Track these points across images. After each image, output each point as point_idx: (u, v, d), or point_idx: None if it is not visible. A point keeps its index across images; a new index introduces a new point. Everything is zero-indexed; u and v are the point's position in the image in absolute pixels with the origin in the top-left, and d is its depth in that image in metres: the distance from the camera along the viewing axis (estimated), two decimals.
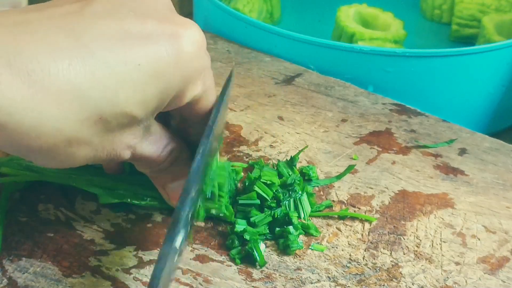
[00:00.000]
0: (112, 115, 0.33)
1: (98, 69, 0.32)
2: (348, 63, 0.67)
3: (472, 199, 0.49)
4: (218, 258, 0.42)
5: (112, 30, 0.33)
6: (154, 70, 0.34)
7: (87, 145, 0.34)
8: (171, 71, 0.35)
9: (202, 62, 0.37)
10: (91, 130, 0.33)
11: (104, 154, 0.35)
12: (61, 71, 0.31)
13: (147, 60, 0.34)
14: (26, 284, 0.39)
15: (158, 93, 0.35)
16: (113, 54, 0.33)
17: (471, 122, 0.69)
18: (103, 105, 0.32)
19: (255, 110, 0.59)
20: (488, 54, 0.68)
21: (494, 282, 0.41)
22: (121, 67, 0.33)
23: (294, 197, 0.46)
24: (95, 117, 0.33)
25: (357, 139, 0.55)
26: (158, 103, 0.35)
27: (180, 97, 0.37)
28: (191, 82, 0.36)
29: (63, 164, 0.34)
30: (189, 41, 0.35)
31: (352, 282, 0.41)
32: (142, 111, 0.35)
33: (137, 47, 0.33)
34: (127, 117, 0.34)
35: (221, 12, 0.75)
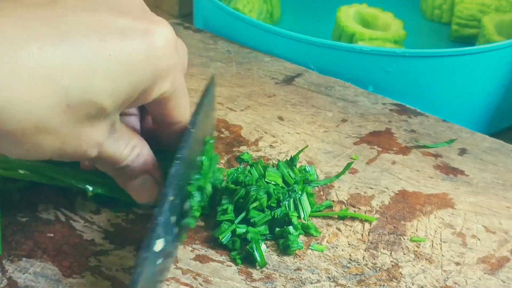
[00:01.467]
0: (81, 103, 0.33)
1: (70, 56, 0.32)
2: (348, 63, 0.67)
3: (472, 199, 0.49)
4: (218, 258, 0.42)
5: (86, 22, 0.34)
6: (125, 63, 0.35)
7: (54, 135, 0.34)
8: (142, 65, 0.35)
9: (172, 59, 0.37)
10: (60, 118, 0.33)
11: (71, 148, 0.35)
12: (32, 54, 0.31)
13: (119, 52, 0.34)
14: (26, 284, 0.39)
15: (128, 86, 0.35)
16: (86, 43, 0.33)
17: (471, 122, 0.69)
18: (73, 91, 0.33)
19: (255, 110, 0.59)
20: (488, 54, 0.68)
21: (494, 282, 0.41)
22: (93, 56, 0.33)
23: (294, 197, 0.45)
24: (64, 104, 0.33)
25: (357, 139, 0.55)
26: (126, 96, 0.36)
27: (147, 92, 0.37)
28: (160, 78, 0.37)
29: (29, 154, 0.34)
30: (161, 38, 0.36)
31: (352, 282, 0.41)
32: (111, 103, 0.35)
33: (110, 39, 0.34)
34: (95, 107, 0.34)
35: (221, 12, 0.75)
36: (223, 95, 0.61)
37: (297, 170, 0.49)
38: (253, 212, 0.44)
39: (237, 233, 0.43)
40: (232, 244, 0.43)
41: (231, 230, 0.43)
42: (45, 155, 0.35)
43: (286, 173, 0.48)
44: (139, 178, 0.42)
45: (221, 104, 0.60)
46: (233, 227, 0.43)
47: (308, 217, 0.46)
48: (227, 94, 0.61)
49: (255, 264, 0.42)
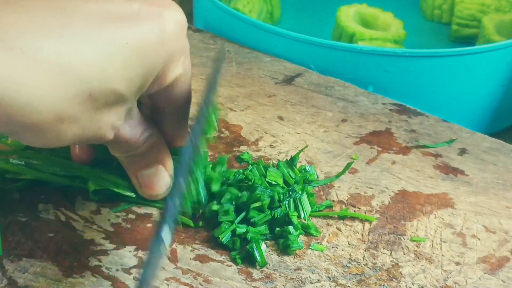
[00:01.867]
0: (100, 92, 0.34)
1: (87, 46, 0.33)
2: (348, 63, 0.67)
3: (472, 199, 0.49)
4: (218, 258, 0.42)
5: (99, 11, 0.34)
6: (140, 49, 0.35)
7: (75, 123, 0.34)
8: (156, 50, 0.36)
9: (184, 42, 0.38)
10: (81, 107, 0.34)
11: (90, 133, 0.36)
12: (51, 47, 0.31)
13: (134, 39, 0.35)
14: (26, 284, 0.39)
15: (144, 71, 0.36)
16: (101, 33, 0.34)
17: (471, 122, 0.69)
18: (92, 82, 0.33)
19: (255, 110, 0.59)
20: (488, 54, 0.68)
21: (494, 282, 0.41)
22: (109, 45, 0.34)
23: (294, 197, 0.45)
24: (85, 94, 0.33)
25: (357, 139, 0.55)
26: (142, 82, 0.36)
27: (162, 77, 0.38)
28: (173, 61, 0.38)
29: (52, 142, 0.35)
30: (173, 22, 0.37)
31: (352, 282, 0.41)
32: (128, 89, 0.35)
33: (123, 26, 0.34)
34: (114, 95, 0.35)
35: (221, 12, 0.75)
36: (223, 95, 0.61)
37: (297, 170, 0.49)
38: (253, 212, 0.44)
39: (237, 233, 0.43)
40: (232, 244, 0.43)
41: (231, 230, 0.43)
42: (68, 142, 0.35)
43: (286, 173, 0.48)
44: (152, 167, 0.42)
45: (221, 104, 0.60)
46: (233, 227, 0.43)
47: (308, 217, 0.46)
48: (227, 94, 0.61)
49: (255, 264, 0.42)
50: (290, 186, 0.47)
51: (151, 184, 0.43)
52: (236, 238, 0.43)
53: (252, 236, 0.43)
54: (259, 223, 0.44)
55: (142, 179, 0.43)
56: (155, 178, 0.43)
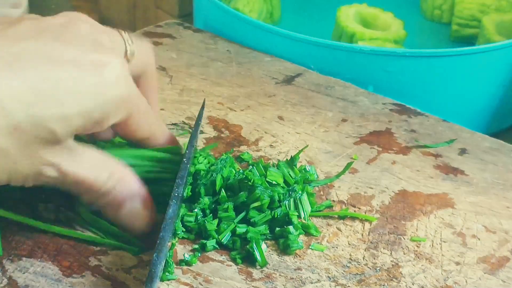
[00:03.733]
0: (28, 127, 0.34)
1: (16, 81, 0.33)
2: (348, 63, 0.67)
3: (472, 199, 0.49)
4: (218, 258, 0.42)
5: (34, 50, 0.35)
6: (74, 90, 0.35)
7: (5, 156, 0.34)
8: (92, 95, 0.36)
9: (124, 91, 0.38)
10: (7, 139, 0.34)
11: (25, 168, 0.36)
12: None
13: (68, 79, 0.35)
14: (26, 284, 0.39)
15: (79, 114, 0.36)
16: (34, 69, 0.34)
17: (471, 122, 0.69)
18: (18, 115, 0.33)
19: (255, 110, 0.59)
20: (488, 54, 0.68)
21: (494, 282, 0.41)
22: (41, 82, 0.34)
23: (294, 197, 0.45)
24: (10, 127, 0.34)
25: (357, 139, 0.55)
26: (79, 123, 0.36)
27: (101, 122, 0.38)
28: (113, 109, 0.37)
29: None
30: (111, 71, 0.37)
31: (352, 282, 0.41)
32: (61, 128, 0.35)
33: (58, 67, 0.35)
34: (45, 131, 0.35)
35: (221, 12, 0.75)
36: (223, 95, 0.61)
37: (297, 170, 0.49)
38: (252, 212, 0.44)
39: (237, 233, 0.43)
40: (232, 244, 0.43)
41: (230, 230, 0.43)
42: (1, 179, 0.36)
43: (287, 173, 0.48)
44: (126, 206, 0.41)
45: (221, 104, 0.60)
46: (233, 226, 0.43)
47: (309, 217, 0.45)
48: (227, 94, 0.61)
49: (255, 263, 0.42)
50: (290, 186, 0.47)
51: (130, 224, 0.42)
52: (236, 238, 0.43)
53: (252, 236, 0.43)
54: (259, 223, 0.44)
55: (122, 219, 0.42)
56: (132, 216, 0.41)
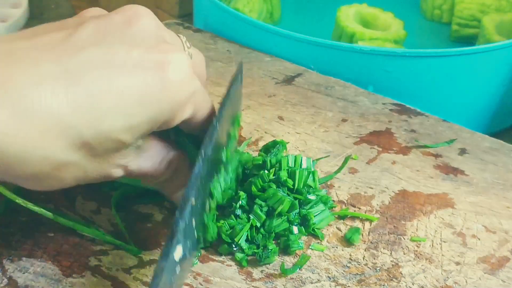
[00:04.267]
0: (96, 142, 0.34)
1: (81, 97, 0.32)
2: (348, 63, 0.67)
3: (472, 199, 0.49)
4: (218, 258, 0.42)
5: (97, 58, 0.34)
6: (139, 97, 0.34)
7: (75, 168, 0.34)
8: (158, 99, 0.35)
9: (189, 88, 0.37)
10: (77, 154, 0.34)
11: (94, 174, 0.36)
12: (43, 100, 0.31)
13: (132, 87, 0.34)
14: (26, 284, 0.39)
15: (146, 120, 0.35)
16: (97, 82, 0.33)
17: (471, 122, 0.69)
18: (86, 132, 0.33)
19: (255, 110, 0.59)
20: (488, 54, 0.68)
21: (494, 282, 0.41)
22: (105, 96, 0.33)
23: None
24: (79, 144, 0.33)
25: (357, 139, 0.55)
26: (147, 128, 0.36)
27: (168, 122, 0.37)
28: (179, 108, 0.37)
29: (53, 186, 0.35)
30: (176, 70, 0.36)
31: (352, 282, 0.41)
32: (129, 137, 0.35)
33: (122, 75, 0.34)
34: (113, 143, 0.35)
35: (221, 12, 0.75)
36: (223, 95, 0.61)
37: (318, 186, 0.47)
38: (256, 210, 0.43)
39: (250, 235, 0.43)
40: (243, 246, 0.42)
41: (247, 230, 0.43)
42: (70, 184, 0.36)
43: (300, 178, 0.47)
44: (182, 189, 0.41)
45: None
46: (248, 226, 0.43)
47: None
48: None
49: (255, 263, 0.42)
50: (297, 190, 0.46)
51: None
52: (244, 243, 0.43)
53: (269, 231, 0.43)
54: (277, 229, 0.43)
55: (177, 201, 0.42)
56: None
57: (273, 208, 0.43)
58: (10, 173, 0.32)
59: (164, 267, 0.32)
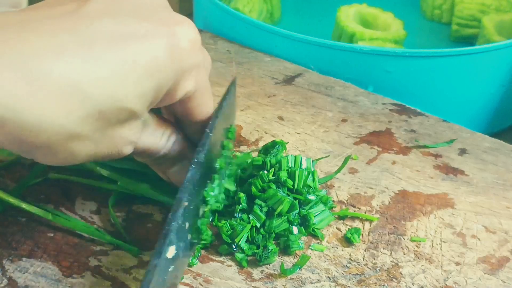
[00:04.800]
0: (112, 111, 0.34)
1: (97, 67, 0.33)
2: (348, 63, 0.67)
3: (472, 199, 0.49)
4: (218, 258, 0.42)
5: (110, 29, 0.34)
6: (151, 66, 0.35)
7: (88, 141, 0.35)
8: (167, 66, 0.36)
9: (195, 58, 0.38)
10: (92, 126, 0.34)
11: (105, 150, 0.36)
12: (61, 68, 0.32)
13: (144, 57, 0.35)
14: (26, 284, 0.39)
15: (154, 87, 0.36)
16: (111, 52, 0.34)
17: (471, 122, 0.69)
18: (103, 101, 0.33)
19: (255, 110, 0.59)
20: (488, 54, 0.68)
21: (494, 282, 0.41)
22: (120, 64, 0.34)
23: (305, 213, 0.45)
24: (96, 114, 0.33)
25: (357, 139, 0.55)
26: (153, 97, 0.36)
27: (172, 92, 0.38)
28: (183, 77, 0.37)
29: (65, 161, 0.35)
30: (185, 38, 0.37)
31: (352, 282, 0.41)
32: (140, 106, 0.36)
33: (133, 45, 0.34)
34: (126, 112, 0.35)
35: (221, 12, 0.75)
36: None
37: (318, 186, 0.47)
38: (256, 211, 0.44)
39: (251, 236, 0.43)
40: (244, 247, 0.42)
41: (247, 232, 0.43)
42: (81, 160, 0.36)
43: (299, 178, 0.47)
44: (178, 164, 0.43)
45: None
46: (248, 227, 0.43)
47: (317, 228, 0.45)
48: None
49: (255, 263, 0.42)
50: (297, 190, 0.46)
51: (181, 180, 0.43)
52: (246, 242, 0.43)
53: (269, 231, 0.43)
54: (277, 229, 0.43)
55: (172, 176, 0.43)
56: (183, 172, 0.42)
57: (273, 208, 0.43)
58: (24, 142, 0.32)
59: (157, 264, 0.33)
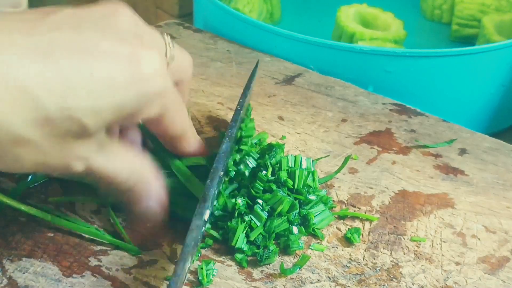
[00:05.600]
0: (60, 119, 0.33)
1: (49, 71, 0.32)
2: (348, 63, 0.67)
3: (472, 199, 0.49)
4: (218, 258, 0.42)
5: (70, 40, 0.34)
6: (108, 83, 0.34)
7: (35, 148, 0.33)
8: (126, 89, 0.35)
9: (160, 85, 0.37)
10: (39, 131, 0.33)
11: (54, 160, 0.35)
12: (9, 67, 0.31)
13: (102, 72, 0.34)
14: (26, 284, 0.39)
15: (112, 107, 0.35)
16: (67, 60, 0.33)
17: (471, 122, 0.69)
18: (50, 107, 0.32)
19: (255, 110, 0.59)
20: (488, 54, 0.68)
21: (494, 282, 0.41)
22: (74, 74, 0.33)
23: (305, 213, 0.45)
24: (42, 119, 0.32)
25: (357, 139, 0.55)
26: (111, 116, 0.35)
27: (134, 115, 0.37)
28: (146, 103, 0.37)
29: (11, 166, 0.34)
30: (147, 64, 0.36)
31: (352, 282, 0.41)
32: (93, 121, 0.34)
33: (92, 59, 0.34)
34: (77, 125, 0.34)
35: (221, 12, 0.75)
36: (223, 95, 0.61)
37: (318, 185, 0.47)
38: (256, 210, 0.44)
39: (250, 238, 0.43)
40: (244, 248, 0.42)
41: (243, 231, 0.43)
42: (27, 168, 0.35)
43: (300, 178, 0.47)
44: (142, 204, 0.41)
45: (221, 104, 0.60)
46: (243, 226, 0.42)
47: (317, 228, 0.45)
48: (227, 94, 0.61)
49: (256, 264, 0.42)
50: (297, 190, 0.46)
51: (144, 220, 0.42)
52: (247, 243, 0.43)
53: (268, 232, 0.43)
54: (278, 229, 0.43)
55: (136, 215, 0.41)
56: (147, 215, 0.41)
57: (273, 208, 0.43)
58: None
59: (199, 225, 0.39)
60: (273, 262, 0.42)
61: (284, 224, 0.43)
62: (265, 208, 0.43)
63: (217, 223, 0.44)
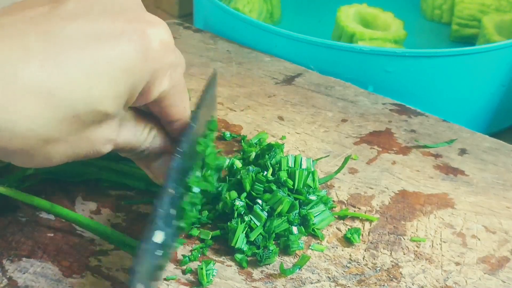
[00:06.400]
0: (86, 113, 0.34)
1: (71, 69, 0.33)
2: (348, 63, 0.67)
3: (472, 199, 0.49)
4: (218, 258, 0.42)
5: (83, 30, 0.34)
6: (124, 67, 0.35)
7: (64, 144, 0.35)
8: (139, 67, 0.36)
9: (168, 58, 0.38)
10: (67, 128, 0.34)
11: (83, 150, 0.36)
12: (34, 73, 0.32)
13: (118, 58, 0.35)
14: (26, 284, 0.39)
15: (128, 88, 0.36)
16: (85, 54, 0.34)
17: (471, 122, 0.69)
18: (77, 104, 0.33)
19: (255, 110, 0.59)
20: (488, 54, 0.68)
21: (494, 282, 0.41)
22: (93, 66, 0.34)
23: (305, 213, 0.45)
24: (70, 116, 0.33)
25: (357, 139, 0.55)
26: (128, 98, 0.36)
27: (147, 92, 0.38)
28: (157, 77, 0.37)
29: (43, 163, 0.35)
30: (157, 39, 0.37)
31: (352, 282, 0.41)
32: (115, 107, 0.36)
33: (108, 46, 0.34)
34: (101, 114, 0.35)
35: (221, 12, 0.75)
36: (223, 95, 0.61)
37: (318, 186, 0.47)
38: (256, 210, 0.44)
39: (250, 238, 0.43)
40: (244, 248, 0.42)
41: (243, 231, 0.43)
42: (59, 162, 0.36)
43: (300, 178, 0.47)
44: (158, 160, 0.43)
45: (221, 104, 0.60)
46: (242, 227, 0.43)
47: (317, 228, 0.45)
48: (227, 94, 0.61)
49: (256, 264, 0.42)
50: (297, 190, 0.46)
51: (159, 176, 0.43)
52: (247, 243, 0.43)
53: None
54: (277, 229, 0.43)
55: (154, 171, 0.43)
56: (161, 170, 0.43)
57: (273, 208, 0.43)
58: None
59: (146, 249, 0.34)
60: (273, 262, 0.42)
61: (284, 224, 0.43)
62: (265, 208, 0.43)
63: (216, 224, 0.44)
